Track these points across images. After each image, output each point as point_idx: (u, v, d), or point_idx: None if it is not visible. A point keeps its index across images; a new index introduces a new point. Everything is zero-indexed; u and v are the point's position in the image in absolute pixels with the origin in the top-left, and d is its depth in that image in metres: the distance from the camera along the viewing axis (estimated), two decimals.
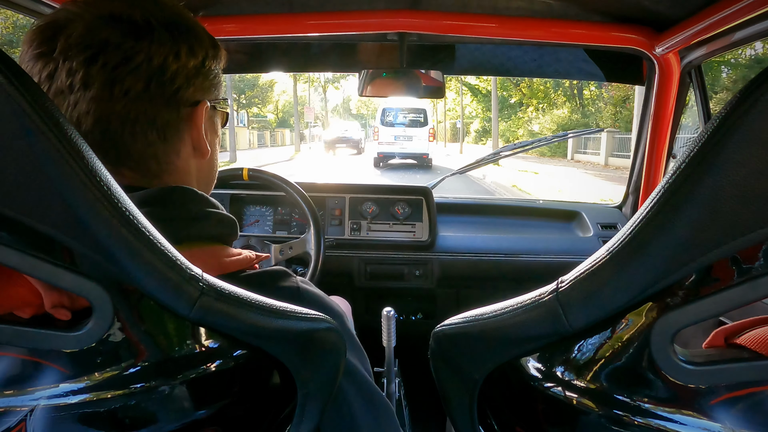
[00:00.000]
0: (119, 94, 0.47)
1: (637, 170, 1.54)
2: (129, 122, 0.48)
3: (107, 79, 0.46)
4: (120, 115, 0.47)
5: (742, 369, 0.34)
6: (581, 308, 0.37)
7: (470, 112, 28.95)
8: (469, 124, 30.27)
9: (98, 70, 0.46)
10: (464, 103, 26.73)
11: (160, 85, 0.48)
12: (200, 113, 0.53)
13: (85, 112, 0.47)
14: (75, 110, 0.47)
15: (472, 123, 29.90)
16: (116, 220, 0.33)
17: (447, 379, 0.49)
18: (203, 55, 0.52)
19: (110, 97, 0.47)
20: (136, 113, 0.48)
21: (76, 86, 0.46)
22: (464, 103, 26.72)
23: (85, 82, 0.46)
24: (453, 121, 32.94)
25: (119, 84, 0.46)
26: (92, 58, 0.45)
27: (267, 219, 1.58)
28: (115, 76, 0.46)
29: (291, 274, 0.53)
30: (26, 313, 0.38)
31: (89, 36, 0.46)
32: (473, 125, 29.61)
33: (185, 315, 0.37)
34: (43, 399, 0.37)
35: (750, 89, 0.30)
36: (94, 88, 0.46)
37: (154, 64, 0.47)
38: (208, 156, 0.56)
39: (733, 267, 0.32)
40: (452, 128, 32.97)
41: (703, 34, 1.07)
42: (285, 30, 1.27)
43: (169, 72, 0.49)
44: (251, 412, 0.45)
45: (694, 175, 0.31)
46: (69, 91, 0.46)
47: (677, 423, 0.35)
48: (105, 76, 0.46)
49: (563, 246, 1.52)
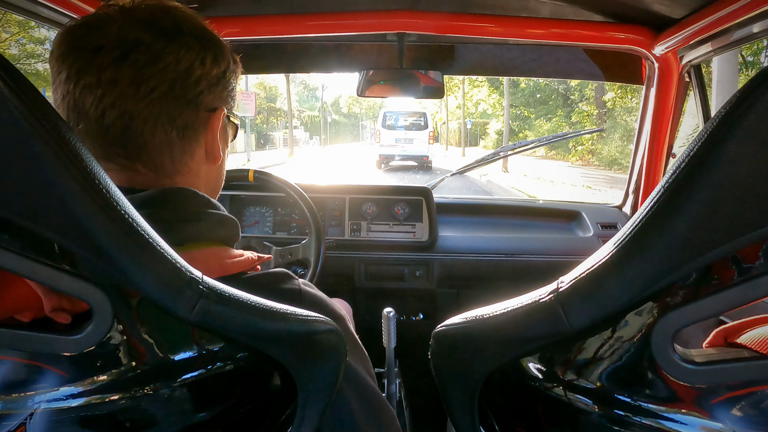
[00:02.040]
0: (145, 91, 0.48)
1: (637, 170, 1.54)
2: (151, 119, 0.50)
3: (135, 77, 0.48)
4: (143, 112, 0.49)
5: (743, 368, 0.34)
6: (581, 308, 0.37)
7: (484, 110, 22.24)
8: (485, 124, 24.71)
9: (128, 67, 0.48)
10: (477, 99, 20.22)
11: (184, 87, 0.50)
12: (217, 119, 0.55)
13: (111, 105, 0.48)
14: (101, 104, 0.48)
15: (489, 123, 23.72)
16: (115, 222, 0.33)
17: (448, 380, 0.49)
18: (225, 66, 0.54)
19: (136, 94, 0.48)
20: (158, 111, 0.50)
21: (104, 81, 0.48)
22: (477, 98, 20.14)
23: (113, 78, 0.48)
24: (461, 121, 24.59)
25: (146, 82, 0.48)
26: (123, 56, 0.47)
27: (267, 220, 1.58)
28: (142, 74, 0.48)
29: (293, 276, 0.53)
30: (26, 316, 0.38)
31: (123, 35, 0.48)
32: (492, 125, 22.74)
33: (185, 318, 0.37)
34: (43, 402, 0.37)
35: (749, 89, 0.30)
36: (122, 84, 0.48)
37: (181, 67, 0.50)
38: (218, 162, 0.57)
39: (733, 266, 0.32)
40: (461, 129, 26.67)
41: (702, 34, 1.07)
42: (284, 31, 1.28)
43: (194, 76, 0.51)
44: (252, 415, 0.45)
45: (694, 174, 0.31)
46: (97, 85, 0.48)
47: (678, 422, 0.35)
48: (133, 73, 0.48)
49: (563, 246, 1.52)
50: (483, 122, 25.53)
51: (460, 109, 25.19)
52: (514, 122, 19.38)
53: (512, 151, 1.74)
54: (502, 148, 1.82)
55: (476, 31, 1.26)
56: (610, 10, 1.19)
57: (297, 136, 30.01)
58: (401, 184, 1.73)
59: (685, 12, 1.08)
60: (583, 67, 1.48)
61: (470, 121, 22.19)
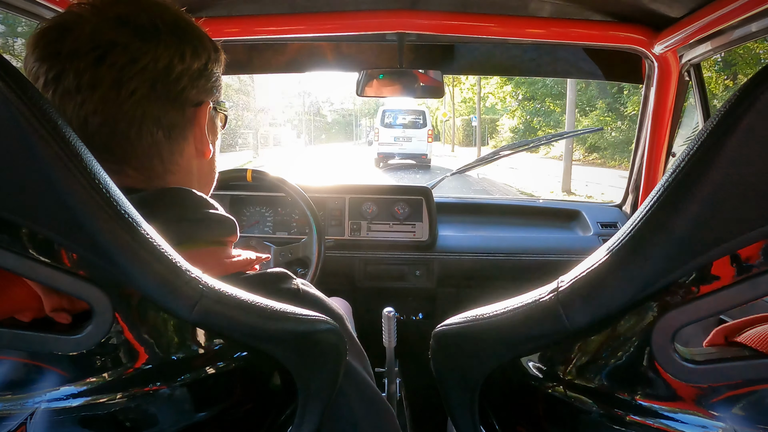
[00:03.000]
0: (126, 94, 0.47)
1: (637, 169, 1.54)
2: (136, 122, 0.49)
3: (115, 80, 0.47)
4: (127, 114, 0.48)
5: (743, 367, 0.34)
6: (581, 307, 0.37)
7: (492, 105, 19.52)
8: (495, 121, 21.57)
9: (106, 71, 0.46)
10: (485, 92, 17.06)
11: (166, 85, 0.49)
12: (203, 113, 0.54)
13: (93, 111, 0.47)
14: (82, 110, 0.47)
15: (499, 120, 20.71)
16: (115, 222, 0.33)
17: (448, 379, 0.49)
18: (206, 57, 0.53)
19: (117, 97, 0.47)
20: (142, 113, 0.49)
21: (83, 86, 0.46)
22: (486, 91, 16.98)
23: (92, 82, 0.46)
24: (467, 118, 23.41)
25: (126, 84, 0.47)
26: (100, 59, 0.46)
27: (267, 220, 1.58)
28: (122, 76, 0.47)
29: (291, 276, 0.53)
30: (26, 316, 0.38)
31: (97, 37, 0.46)
32: (505, 122, 19.68)
33: (185, 317, 0.37)
34: (43, 402, 0.37)
35: (749, 88, 0.30)
36: (102, 89, 0.47)
37: (160, 65, 0.48)
38: (209, 156, 0.56)
39: (734, 265, 0.32)
40: (466, 126, 24.05)
41: (701, 33, 1.07)
42: (283, 31, 1.28)
43: (175, 73, 0.50)
44: (252, 414, 0.45)
45: (694, 173, 0.31)
46: (76, 91, 0.47)
47: (678, 421, 0.35)
48: (113, 76, 0.47)
49: (563, 245, 1.52)
50: (492, 119, 22.16)
51: (465, 103, 22.31)
52: (536, 118, 16.23)
53: (513, 151, 1.74)
54: (503, 147, 1.82)
55: (476, 31, 1.26)
56: (609, 9, 1.19)
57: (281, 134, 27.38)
58: (401, 183, 1.73)
59: (684, 11, 1.08)
60: (583, 67, 1.48)
61: (475, 118, 18.63)
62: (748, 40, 1.06)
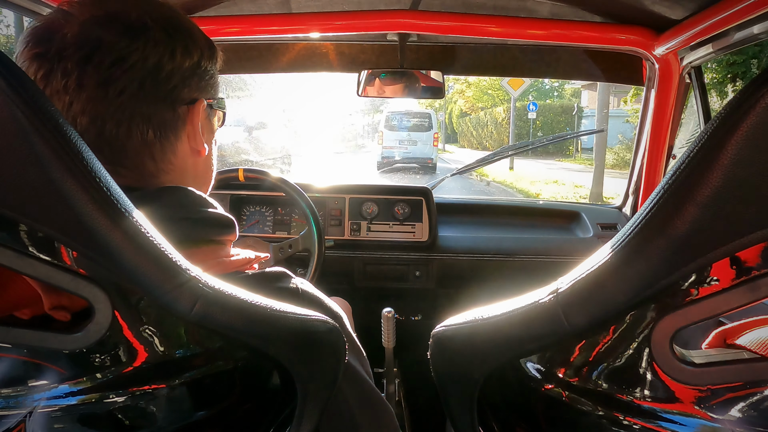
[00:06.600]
0: (114, 93, 0.47)
1: (638, 171, 1.54)
2: (124, 121, 0.48)
3: (102, 79, 0.46)
4: (115, 114, 0.47)
5: (742, 370, 0.34)
6: (581, 309, 0.37)
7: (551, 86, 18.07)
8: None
9: (93, 70, 0.46)
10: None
11: (155, 84, 0.48)
12: (197, 112, 0.53)
13: (81, 111, 0.47)
14: (71, 110, 0.46)
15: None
16: (115, 221, 0.33)
17: (447, 380, 0.49)
18: (198, 55, 0.52)
19: (105, 97, 0.47)
20: (131, 112, 0.48)
21: (71, 86, 0.46)
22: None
23: (79, 82, 0.46)
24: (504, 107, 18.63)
25: (114, 83, 0.46)
26: (87, 58, 0.45)
27: (267, 220, 1.58)
28: (109, 75, 0.46)
29: (291, 275, 0.53)
30: (25, 314, 0.38)
31: (84, 36, 0.46)
32: None
33: (184, 316, 0.37)
34: (42, 400, 0.37)
35: (750, 90, 0.30)
36: (89, 88, 0.46)
37: (149, 64, 0.48)
38: (205, 155, 0.56)
39: (733, 267, 0.32)
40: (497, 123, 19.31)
41: (702, 35, 1.07)
42: (283, 30, 1.28)
43: (164, 72, 0.49)
44: (251, 414, 0.45)
45: (695, 175, 0.31)
46: (64, 91, 0.46)
47: (677, 423, 0.35)
48: (100, 75, 0.46)
49: (563, 246, 1.52)
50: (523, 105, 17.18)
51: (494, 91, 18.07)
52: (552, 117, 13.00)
53: (513, 151, 1.74)
54: (503, 148, 1.82)
55: (477, 32, 1.26)
56: (610, 10, 1.19)
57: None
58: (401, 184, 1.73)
59: (685, 13, 1.08)
60: (584, 68, 1.48)
61: (535, 106, 15.34)
62: (749, 42, 1.05)
